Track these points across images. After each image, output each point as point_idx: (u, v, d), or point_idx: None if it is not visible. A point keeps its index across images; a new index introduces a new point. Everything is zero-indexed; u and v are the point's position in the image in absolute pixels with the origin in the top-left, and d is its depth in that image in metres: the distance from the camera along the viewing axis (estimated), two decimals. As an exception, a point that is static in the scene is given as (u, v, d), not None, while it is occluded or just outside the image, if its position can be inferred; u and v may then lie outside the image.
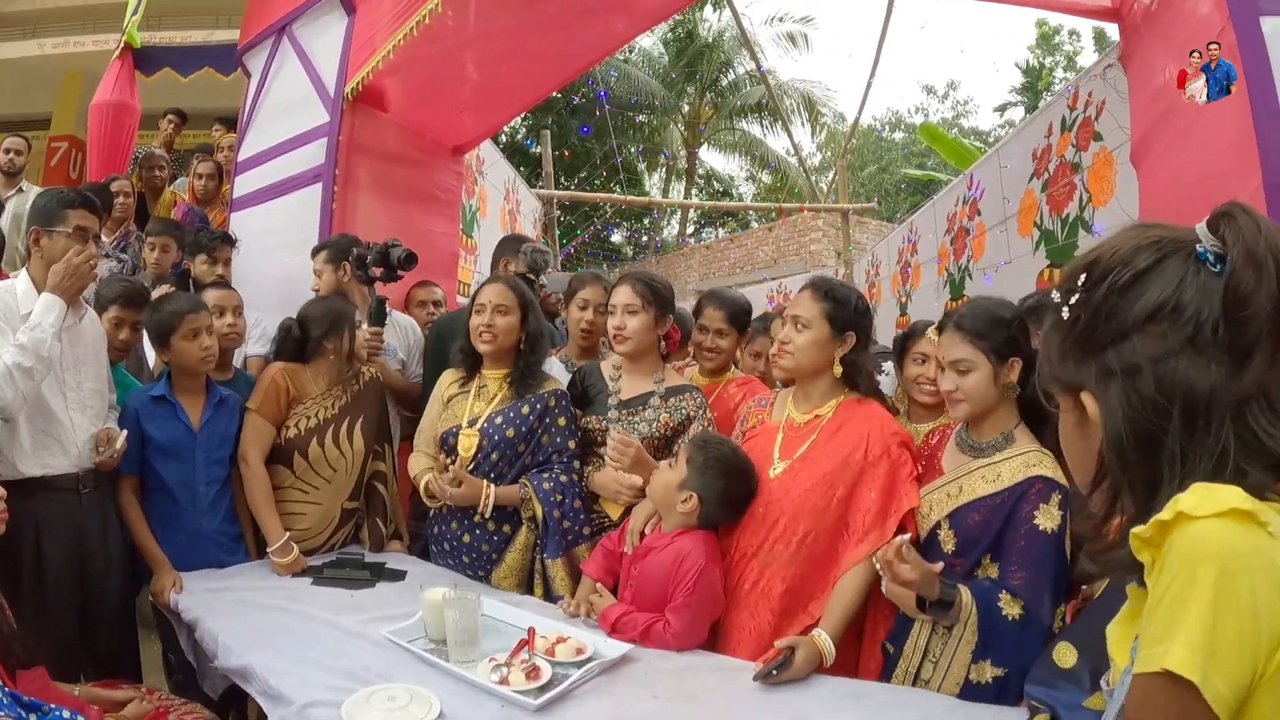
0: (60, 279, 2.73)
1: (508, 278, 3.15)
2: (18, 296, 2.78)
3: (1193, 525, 0.88)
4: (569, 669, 2.16)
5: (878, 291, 10.25)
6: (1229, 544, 0.86)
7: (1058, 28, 25.69)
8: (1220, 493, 0.89)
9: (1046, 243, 5.06)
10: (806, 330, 2.51)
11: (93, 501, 2.89)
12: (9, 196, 5.79)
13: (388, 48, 4.32)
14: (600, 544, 2.78)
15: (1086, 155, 4.62)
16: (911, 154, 26.39)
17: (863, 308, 2.54)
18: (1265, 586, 0.85)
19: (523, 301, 3.06)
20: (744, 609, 2.48)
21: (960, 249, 6.73)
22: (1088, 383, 1.04)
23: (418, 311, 4.51)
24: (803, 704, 2.05)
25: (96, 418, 2.94)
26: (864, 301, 2.57)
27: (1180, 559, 0.88)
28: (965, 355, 2.27)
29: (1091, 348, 1.03)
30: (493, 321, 2.99)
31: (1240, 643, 0.84)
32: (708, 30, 22.58)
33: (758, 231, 18.40)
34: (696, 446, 2.53)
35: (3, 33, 11.60)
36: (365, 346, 3.38)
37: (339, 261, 3.95)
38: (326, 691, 2.06)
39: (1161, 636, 0.88)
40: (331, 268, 3.96)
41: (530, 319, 3.06)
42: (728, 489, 2.48)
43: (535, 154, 17.43)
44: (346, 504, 3.27)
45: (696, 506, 2.45)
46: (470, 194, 7.25)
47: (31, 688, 2.07)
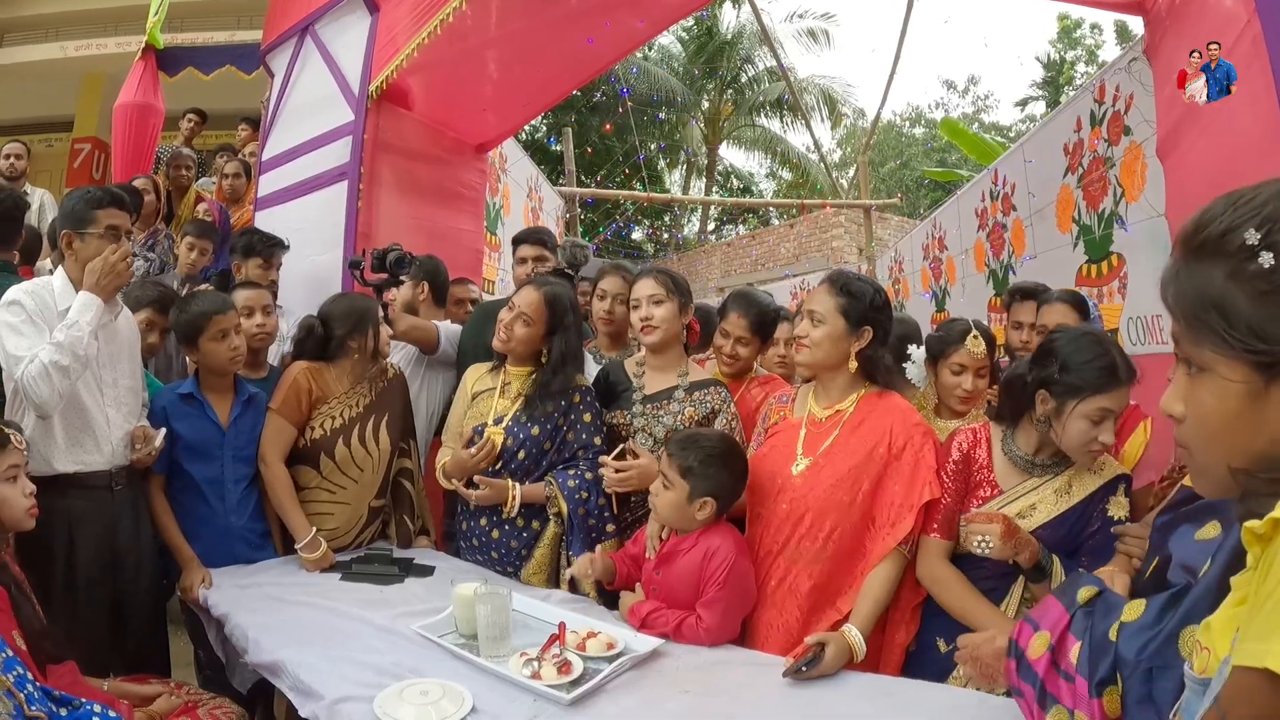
0: (98, 277, 2.73)
1: (551, 291, 3.03)
2: (55, 293, 2.79)
3: None
4: (600, 664, 2.15)
5: (904, 287, 10.21)
6: None
7: (1079, 21, 25.58)
8: None
9: (1084, 237, 5.01)
10: (822, 325, 2.48)
11: (125, 499, 2.89)
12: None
13: (411, 47, 4.34)
14: (624, 549, 2.78)
15: (1117, 149, 4.58)
16: (934, 149, 26.27)
17: (879, 302, 2.50)
18: None
19: (553, 319, 3.00)
20: (771, 606, 2.47)
21: (999, 244, 6.68)
22: None
23: (455, 309, 4.45)
24: (833, 700, 2.04)
25: (131, 415, 2.95)
26: (882, 295, 2.53)
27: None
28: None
29: None
30: (512, 326, 2.99)
31: None
32: (727, 27, 22.58)
33: (779, 228, 18.37)
34: (682, 450, 2.46)
35: (24, 35, 11.66)
36: (387, 343, 3.35)
37: (420, 280, 4.04)
38: (358, 687, 2.06)
39: (1265, 634, 0.83)
40: (412, 284, 4.01)
41: (558, 338, 3.00)
42: (731, 473, 2.46)
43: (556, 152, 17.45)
44: (373, 502, 3.27)
45: (714, 507, 2.44)
46: (494, 191, 7.27)
47: (63, 683, 2.10)
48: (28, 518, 2.29)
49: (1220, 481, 1.00)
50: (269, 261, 4.18)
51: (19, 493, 2.27)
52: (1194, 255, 0.99)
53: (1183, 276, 1.00)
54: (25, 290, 2.75)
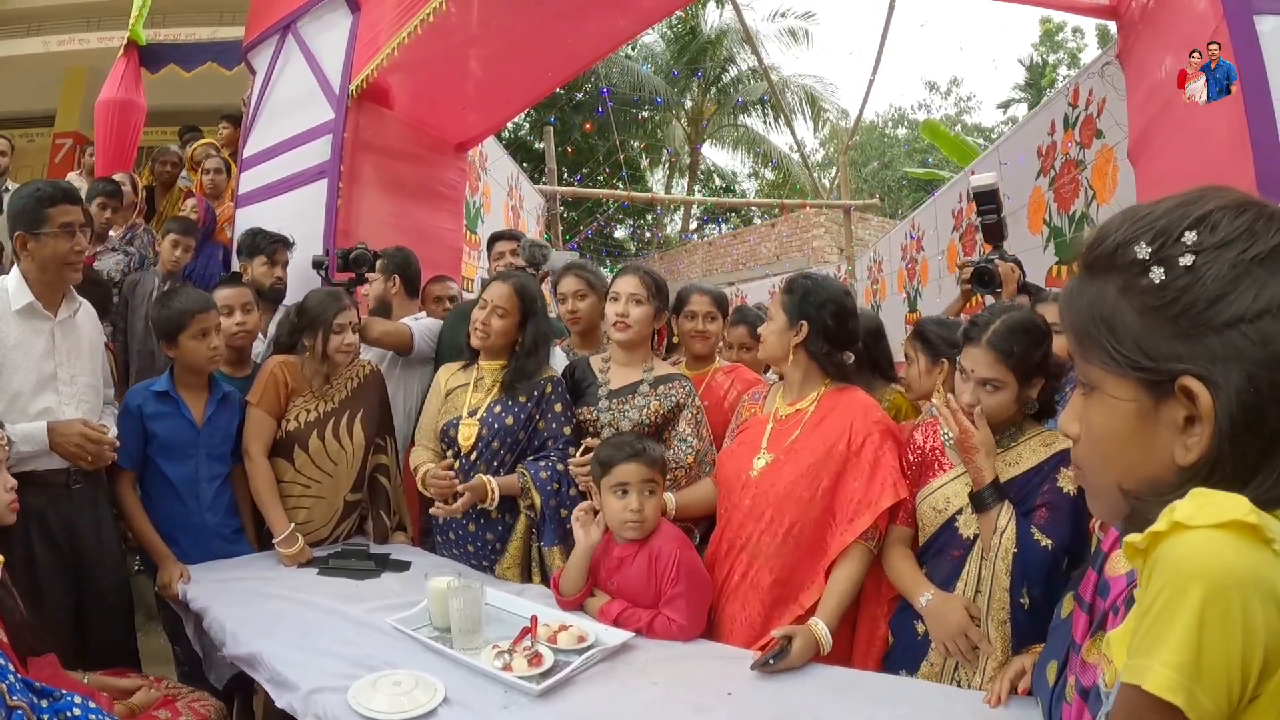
0: (70, 448, 2.71)
1: (519, 281, 3.15)
2: (9, 293, 2.75)
3: (1187, 535, 0.81)
4: (571, 656, 2.19)
5: (882, 287, 10.27)
6: (1223, 560, 0.79)
7: (1061, 25, 25.67)
8: (1222, 502, 0.82)
9: (1055, 238, 5.08)
10: (770, 321, 2.62)
11: (84, 496, 2.86)
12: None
13: (392, 45, 4.36)
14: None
15: (1089, 152, 4.64)
16: (914, 150, 26.34)
17: (820, 299, 2.53)
18: (1260, 607, 0.78)
19: (525, 308, 3.09)
20: (735, 600, 2.51)
21: (970, 245, 6.73)
22: (1195, 365, 0.88)
23: (434, 307, 4.48)
24: (801, 693, 2.07)
25: (91, 411, 2.91)
26: (826, 293, 2.55)
27: (1169, 572, 0.82)
28: (996, 375, 2.23)
29: (1205, 324, 0.88)
30: (488, 321, 3.04)
31: (1228, 664, 0.78)
32: (709, 26, 22.57)
33: (760, 228, 18.39)
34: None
35: (6, 30, 11.58)
36: (342, 350, 3.28)
37: (390, 274, 4.07)
38: (333, 678, 2.09)
39: (1145, 650, 0.83)
40: (383, 279, 4.05)
41: (530, 325, 3.09)
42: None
43: (538, 150, 17.42)
44: (349, 496, 3.30)
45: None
46: (474, 190, 7.28)
47: (43, 675, 2.11)
48: (8, 512, 2.31)
49: (1113, 504, 1.00)
50: (273, 259, 4.15)
51: (1, 487, 2.29)
52: (1088, 270, 0.99)
53: (1076, 293, 1.00)
54: None
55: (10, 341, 2.73)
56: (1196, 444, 0.89)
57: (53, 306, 2.84)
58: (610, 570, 2.56)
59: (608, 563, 2.57)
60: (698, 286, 3.58)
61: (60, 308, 2.85)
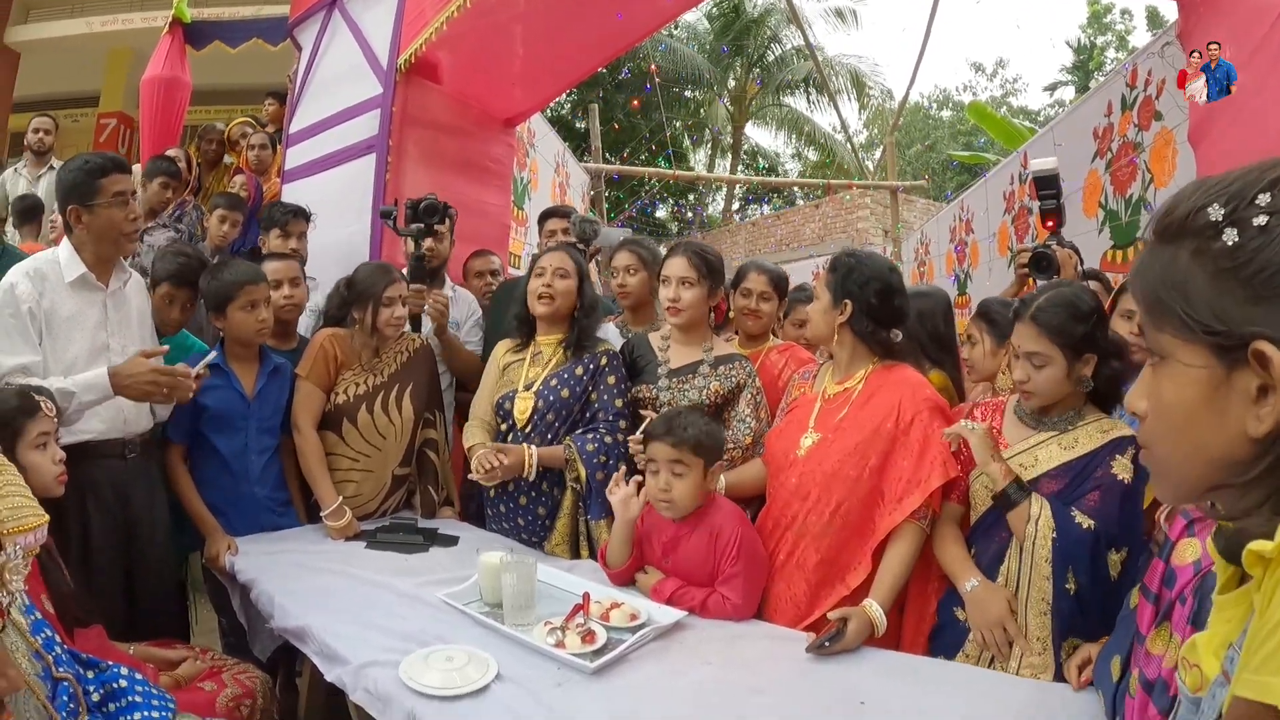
0: (132, 383, 2.64)
1: (568, 246, 3.18)
2: (61, 265, 2.76)
3: None
4: (623, 634, 2.16)
5: (929, 269, 10.14)
6: None
7: (1109, 6, 25.22)
8: None
9: (1110, 222, 4.97)
10: (816, 300, 2.60)
11: (138, 467, 2.89)
12: (41, 174, 5.90)
13: (440, 20, 4.33)
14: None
15: (1148, 135, 4.53)
16: (959, 132, 26.03)
17: (864, 277, 2.49)
18: None
19: (580, 269, 3.10)
20: (780, 579, 2.49)
21: (1023, 228, 6.62)
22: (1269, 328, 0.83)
23: (475, 282, 4.50)
24: (856, 676, 2.04)
25: None
26: (870, 270, 2.51)
27: None
28: (1041, 349, 2.20)
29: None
30: (552, 283, 3.03)
31: None
32: (754, 5, 22.40)
33: (804, 209, 18.24)
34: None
35: (50, 11, 11.75)
36: (391, 323, 3.27)
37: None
38: (384, 652, 2.09)
39: (1270, 668, 0.78)
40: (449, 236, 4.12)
41: (586, 287, 3.10)
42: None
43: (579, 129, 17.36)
44: (397, 470, 3.30)
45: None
46: (522, 166, 7.26)
47: (90, 646, 2.12)
48: (56, 485, 2.31)
49: (1182, 482, 0.95)
50: (286, 230, 4.13)
51: (48, 460, 2.29)
52: (1161, 238, 0.94)
53: (1148, 261, 0.96)
54: (25, 271, 2.72)
55: (65, 313, 2.74)
56: (1270, 414, 0.83)
57: (104, 278, 2.84)
58: (667, 548, 2.53)
59: (662, 539, 2.54)
60: (757, 264, 3.50)
61: (111, 279, 2.86)
